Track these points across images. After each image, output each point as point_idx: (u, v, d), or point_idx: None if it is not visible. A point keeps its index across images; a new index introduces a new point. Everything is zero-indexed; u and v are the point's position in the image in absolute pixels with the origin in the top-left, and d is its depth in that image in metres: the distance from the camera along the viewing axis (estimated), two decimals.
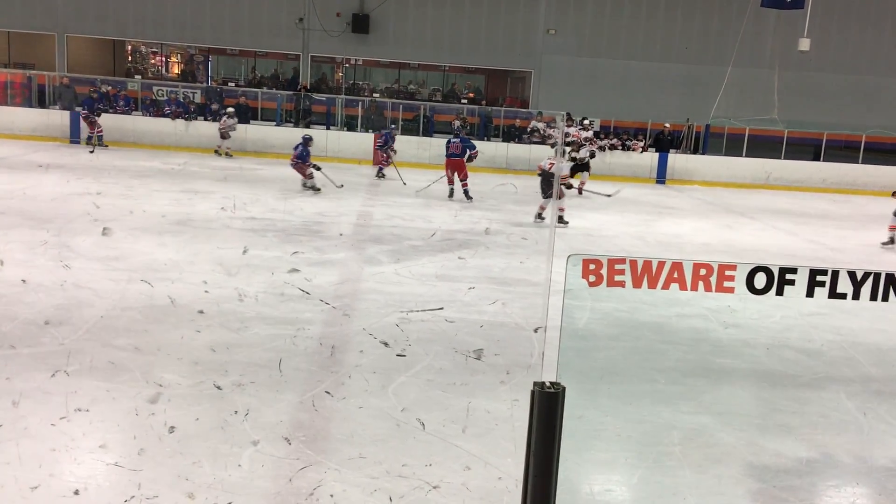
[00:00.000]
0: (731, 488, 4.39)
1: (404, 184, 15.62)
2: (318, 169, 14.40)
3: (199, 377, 5.30)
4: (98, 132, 18.21)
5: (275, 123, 21.24)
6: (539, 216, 12.81)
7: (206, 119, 20.07)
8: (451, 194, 14.65)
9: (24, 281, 7.08)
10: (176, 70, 25.92)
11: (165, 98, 20.66)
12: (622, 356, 6.54)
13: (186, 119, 19.70)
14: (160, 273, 7.83)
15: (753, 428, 5.20)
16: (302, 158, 14.23)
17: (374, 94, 23.46)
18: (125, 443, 4.36)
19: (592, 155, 17.36)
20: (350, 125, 21.42)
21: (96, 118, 18.22)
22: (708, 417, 5.31)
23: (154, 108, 20.43)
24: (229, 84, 23.70)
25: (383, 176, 17.07)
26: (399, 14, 23.41)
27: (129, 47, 25.66)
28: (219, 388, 5.12)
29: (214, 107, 20.08)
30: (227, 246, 9.26)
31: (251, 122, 20.46)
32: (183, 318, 6.51)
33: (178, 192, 13.07)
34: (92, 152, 17.55)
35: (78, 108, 18.98)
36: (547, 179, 12.64)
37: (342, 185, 14.78)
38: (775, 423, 5.30)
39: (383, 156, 17.05)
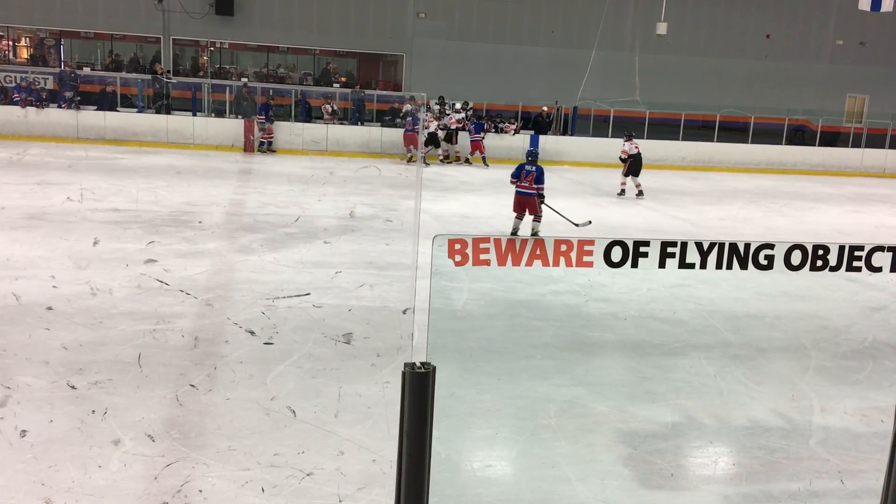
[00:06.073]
0: (604, 455, 4.51)
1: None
2: (543, 201, 10.68)
3: (52, 377, 4.96)
4: None
5: (136, 110, 20.21)
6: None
7: (59, 106, 18.86)
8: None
9: None
10: (25, 54, 24.25)
11: (14, 85, 19.29)
12: (500, 334, 6.61)
13: (38, 107, 18.47)
14: (7, 270, 7.30)
15: (623, 396, 5.38)
16: (537, 181, 10.48)
17: (243, 79, 22.72)
18: None
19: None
20: (218, 111, 20.65)
21: None
22: (581, 389, 5.45)
23: (2, 96, 19.04)
24: (84, 69, 22.34)
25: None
26: None
27: None
28: (73, 387, 4.80)
29: (69, 94, 18.90)
30: (87, 240, 8.73)
31: (114, 109, 19.41)
32: (31, 316, 6.08)
33: (32, 185, 12.22)
34: None
35: None
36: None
37: (589, 222, 11.20)
38: (643, 391, 5.50)
39: None
